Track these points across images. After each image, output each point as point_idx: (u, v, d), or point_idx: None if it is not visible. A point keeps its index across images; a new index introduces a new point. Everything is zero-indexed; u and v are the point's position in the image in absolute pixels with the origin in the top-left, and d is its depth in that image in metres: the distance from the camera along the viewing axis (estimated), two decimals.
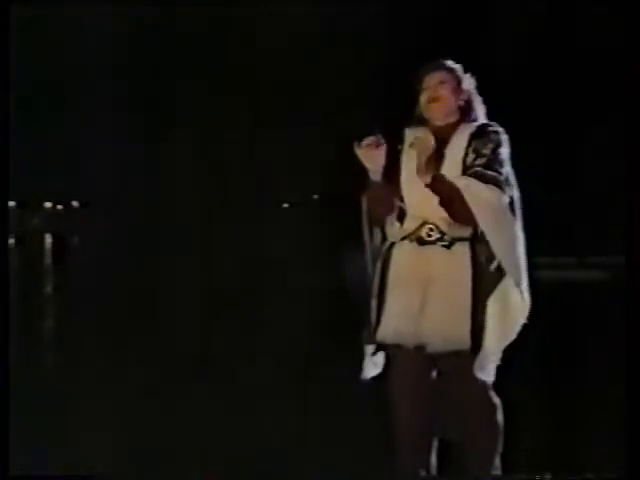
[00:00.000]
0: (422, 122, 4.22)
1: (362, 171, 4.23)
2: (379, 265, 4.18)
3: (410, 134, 4.21)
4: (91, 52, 56.37)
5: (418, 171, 4.02)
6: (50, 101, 58.63)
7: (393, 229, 4.15)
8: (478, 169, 4.05)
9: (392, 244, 4.17)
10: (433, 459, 4.28)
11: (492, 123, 4.20)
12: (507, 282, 4.12)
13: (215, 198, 53.09)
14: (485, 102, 4.28)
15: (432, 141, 4.07)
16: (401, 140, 4.24)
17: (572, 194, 34.75)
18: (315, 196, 53.63)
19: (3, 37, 4.84)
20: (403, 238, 4.13)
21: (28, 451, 5.46)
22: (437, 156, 4.09)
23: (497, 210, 4.03)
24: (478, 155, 4.07)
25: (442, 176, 4.02)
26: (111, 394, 7.65)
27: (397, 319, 4.08)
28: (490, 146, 4.10)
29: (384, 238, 4.22)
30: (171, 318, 13.56)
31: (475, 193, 3.99)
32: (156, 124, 57.00)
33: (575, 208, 33.56)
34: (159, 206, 53.99)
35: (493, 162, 4.07)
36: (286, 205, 54.32)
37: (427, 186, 4.01)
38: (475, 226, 4.06)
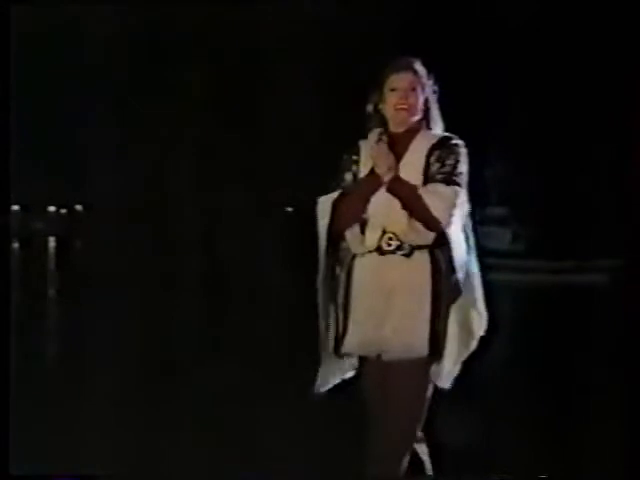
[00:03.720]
0: (380, 120, 4.12)
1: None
2: (343, 277, 4.11)
3: (365, 146, 4.12)
4: (93, 54, 56.42)
5: (380, 167, 3.96)
6: (54, 104, 58.72)
7: (356, 240, 4.07)
8: (445, 175, 4.00)
9: (354, 255, 4.09)
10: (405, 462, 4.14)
11: (453, 136, 4.13)
12: (465, 298, 4.07)
13: (219, 201, 53.16)
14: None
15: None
16: (357, 151, 4.14)
17: (572, 198, 34.75)
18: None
19: (4, 37, 4.83)
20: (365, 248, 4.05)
21: (28, 451, 5.46)
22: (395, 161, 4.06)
23: (455, 209, 3.98)
24: (443, 165, 4.01)
25: (401, 177, 3.98)
26: (111, 395, 7.67)
27: (361, 331, 4.02)
28: (453, 157, 4.03)
29: (344, 249, 4.13)
30: (174, 320, 13.58)
31: (433, 192, 3.94)
32: (160, 127, 57.09)
33: (577, 212, 33.56)
34: (162, 210, 54.05)
35: (455, 175, 4.03)
36: (290, 209, 54.22)
37: (388, 189, 3.96)
38: (437, 232, 3.99)
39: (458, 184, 3.99)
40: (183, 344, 11.11)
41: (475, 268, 4.12)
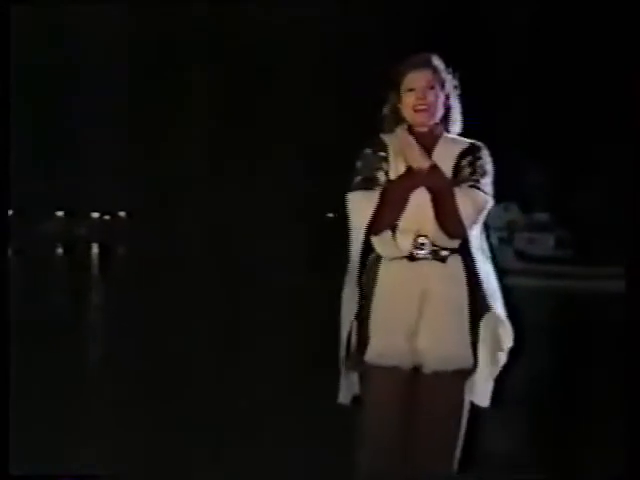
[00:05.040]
0: (398, 122, 3.93)
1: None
2: (365, 282, 3.88)
3: (391, 141, 3.93)
4: (128, 59, 56.82)
5: (415, 159, 3.78)
6: (99, 113, 59.21)
7: (387, 244, 3.85)
8: (476, 182, 3.80)
9: (377, 259, 3.88)
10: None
11: (481, 144, 3.94)
12: (492, 312, 3.87)
13: (262, 207, 53.27)
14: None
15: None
16: (384, 147, 3.93)
17: (608, 203, 34.46)
18: None
19: (4, 37, 4.82)
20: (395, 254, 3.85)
21: (28, 451, 5.47)
22: None
23: (481, 215, 3.81)
24: (474, 172, 3.84)
25: (439, 167, 3.80)
26: (112, 395, 7.71)
27: (388, 340, 3.80)
28: (485, 166, 3.87)
29: (369, 253, 3.91)
30: (213, 325, 13.65)
31: (467, 194, 3.77)
32: (203, 134, 57.36)
33: (617, 215, 33.23)
34: (204, 215, 54.30)
35: (486, 184, 3.84)
36: (331, 215, 54.14)
37: (425, 178, 3.75)
38: (457, 237, 3.81)
39: (488, 194, 3.83)
40: (187, 345, 11.14)
41: (494, 280, 3.91)
